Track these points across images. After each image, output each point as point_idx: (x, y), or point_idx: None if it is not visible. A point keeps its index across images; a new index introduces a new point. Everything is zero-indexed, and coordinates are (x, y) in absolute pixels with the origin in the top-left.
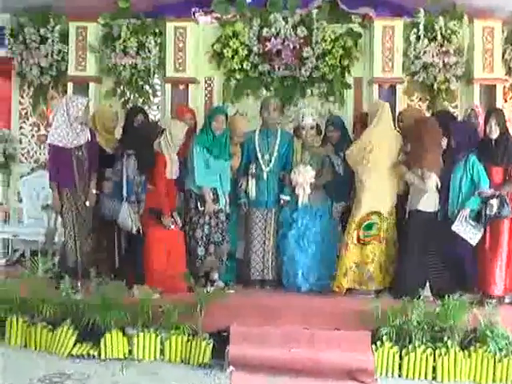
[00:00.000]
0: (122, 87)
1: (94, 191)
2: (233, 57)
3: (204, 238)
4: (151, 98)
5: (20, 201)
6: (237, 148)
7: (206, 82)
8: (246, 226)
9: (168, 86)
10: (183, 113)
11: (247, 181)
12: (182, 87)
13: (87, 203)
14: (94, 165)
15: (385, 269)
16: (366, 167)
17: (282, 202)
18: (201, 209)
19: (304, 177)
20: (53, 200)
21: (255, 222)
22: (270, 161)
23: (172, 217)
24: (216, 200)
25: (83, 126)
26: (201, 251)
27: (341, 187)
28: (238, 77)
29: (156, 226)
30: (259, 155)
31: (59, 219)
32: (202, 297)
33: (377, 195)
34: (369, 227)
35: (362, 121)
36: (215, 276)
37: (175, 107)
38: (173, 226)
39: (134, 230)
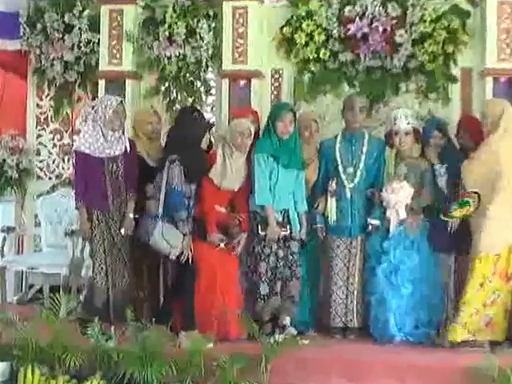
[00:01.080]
0: (166, 84)
1: (132, 215)
2: (306, 43)
3: (269, 272)
4: (203, 97)
5: (38, 225)
6: (313, 153)
7: (272, 75)
8: (325, 258)
9: (225, 82)
10: (244, 115)
11: (325, 200)
12: (242, 83)
13: (122, 231)
14: (133, 181)
15: (510, 315)
16: (493, 194)
17: (369, 227)
18: (261, 234)
19: (398, 196)
20: (79, 224)
21: (336, 253)
22: (355, 175)
23: (226, 232)
24: (287, 223)
25: (119, 133)
26: (264, 289)
27: None
28: (313, 69)
29: (201, 245)
30: (341, 168)
31: (87, 248)
32: (268, 348)
33: (505, 225)
34: None
35: (472, 126)
36: (285, 321)
37: (234, 108)
38: (222, 245)
39: (172, 255)
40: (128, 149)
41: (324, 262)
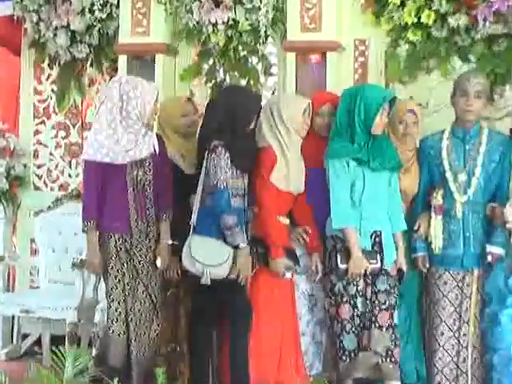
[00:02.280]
0: (211, 61)
1: (170, 241)
2: (403, 3)
3: (354, 318)
4: (261, 77)
5: (35, 253)
6: (410, 155)
7: (356, 48)
8: (427, 299)
9: (290, 58)
10: (320, 102)
11: (428, 219)
12: (314, 58)
13: (158, 263)
14: (167, 192)
15: None
16: None
17: (489, 257)
18: (342, 267)
19: None
20: (88, 255)
21: (443, 292)
22: (469, 185)
23: (293, 258)
24: (377, 252)
25: (147, 128)
26: (349, 342)
27: None
28: (411, 38)
29: (258, 276)
30: (449, 175)
31: (102, 285)
32: None
33: None
34: None
35: None
36: None
37: (304, 92)
38: (289, 274)
39: (204, 280)
40: (156, 149)
41: (427, 305)
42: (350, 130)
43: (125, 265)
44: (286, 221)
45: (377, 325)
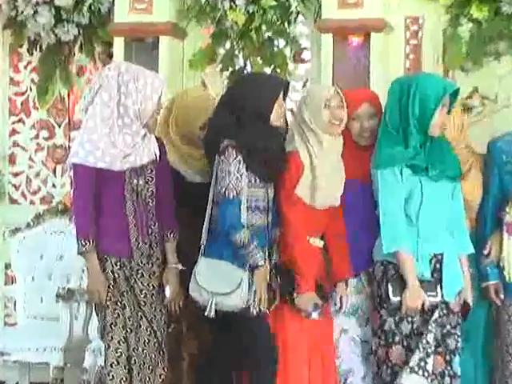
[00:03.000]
0: (228, 44)
1: (180, 266)
2: None
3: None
4: (290, 64)
5: (11, 282)
6: (472, 160)
7: (407, 27)
8: (499, 339)
9: (326, 40)
10: (355, 102)
11: (500, 240)
12: (355, 41)
13: (167, 292)
14: (173, 206)
15: None
16: None
17: None
18: (394, 299)
19: None
20: (89, 281)
21: None
22: None
23: (322, 292)
24: (437, 281)
25: (146, 129)
26: None
27: None
28: (476, 15)
29: (282, 314)
30: None
31: (94, 320)
32: None
33: None
34: None
35: None
36: None
37: (343, 83)
38: (315, 315)
39: (208, 311)
40: (157, 155)
41: (498, 348)
42: (401, 132)
43: (125, 295)
44: (320, 243)
45: (443, 372)
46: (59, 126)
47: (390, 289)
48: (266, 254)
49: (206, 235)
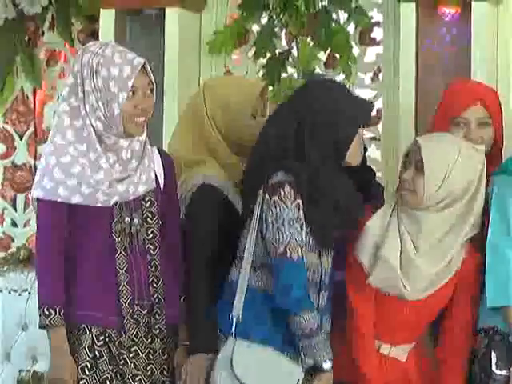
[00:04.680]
0: (265, 19)
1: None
2: None
3: None
4: (355, 47)
5: None
6: None
7: None
8: None
9: (406, 11)
10: (465, 100)
11: None
12: (447, 12)
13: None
14: (183, 255)
15: None
16: None
17: None
18: (498, 373)
19: None
20: (56, 362)
21: None
22: None
23: None
24: None
25: (141, 137)
26: None
27: None
28: None
29: None
30: None
31: None
32: None
33: None
34: None
35: None
36: None
37: (429, 75)
38: None
39: None
40: (162, 179)
41: None
42: None
43: (114, 380)
44: (390, 350)
45: None
46: (21, 138)
47: (494, 359)
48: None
49: (241, 306)
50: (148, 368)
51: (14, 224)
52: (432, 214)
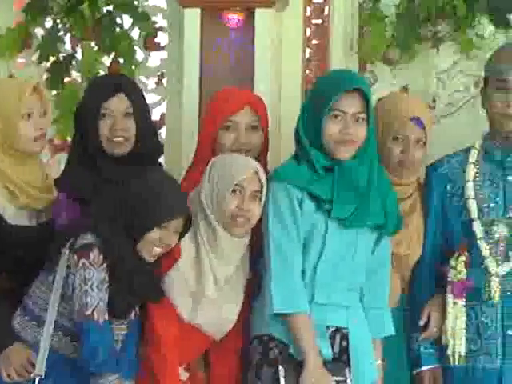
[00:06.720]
0: (49, 23)
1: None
2: None
3: None
4: (138, 51)
5: None
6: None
7: (307, 1)
8: None
9: (191, 17)
10: (234, 109)
11: (442, 307)
12: (231, 18)
13: None
14: None
15: None
16: None
17: None
18: None
19: None
20: None
21: None
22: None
23: None
24: (345, 364)
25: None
26: None
27: None
28: None
29: None
30: (478, 226)
31: None
32: None
33: None
34: None
35: None
36: None
37: (207, 84)
38: None
39: None
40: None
41: None
42: (302, 149)
43: None
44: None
45: None
46: None
47: (280, 371)
48: None
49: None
50: None
51: None
52: None
